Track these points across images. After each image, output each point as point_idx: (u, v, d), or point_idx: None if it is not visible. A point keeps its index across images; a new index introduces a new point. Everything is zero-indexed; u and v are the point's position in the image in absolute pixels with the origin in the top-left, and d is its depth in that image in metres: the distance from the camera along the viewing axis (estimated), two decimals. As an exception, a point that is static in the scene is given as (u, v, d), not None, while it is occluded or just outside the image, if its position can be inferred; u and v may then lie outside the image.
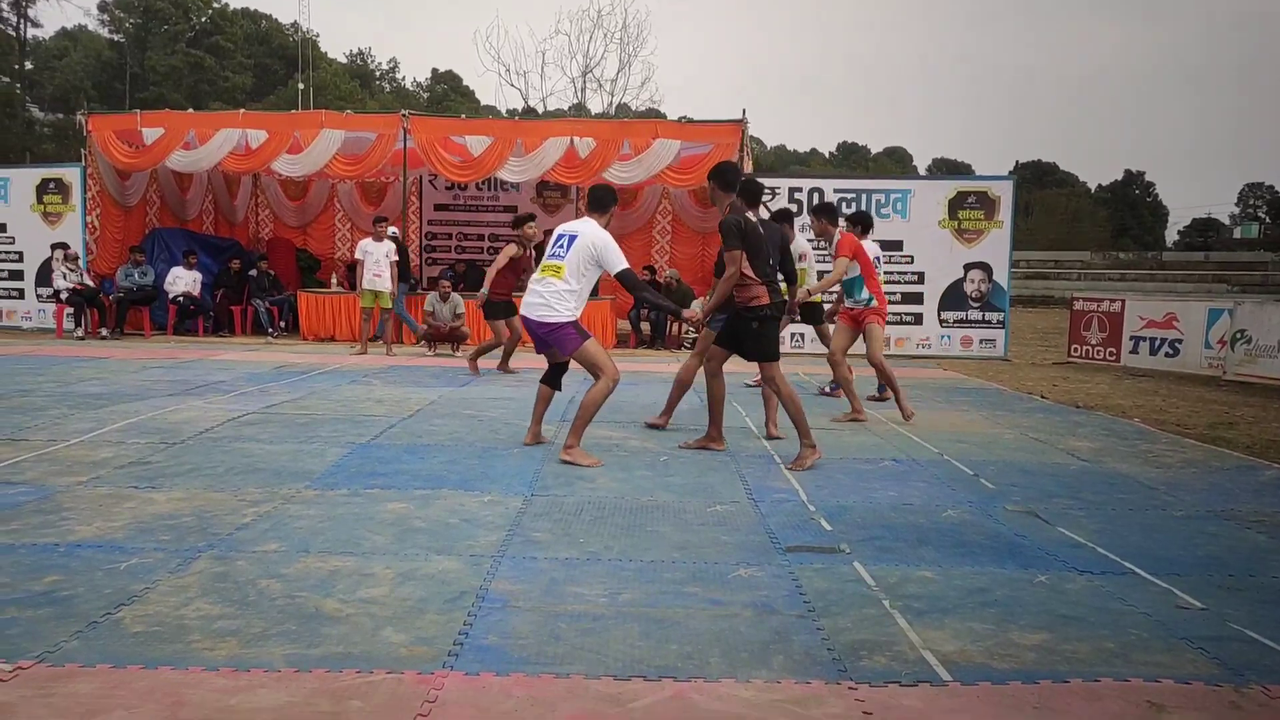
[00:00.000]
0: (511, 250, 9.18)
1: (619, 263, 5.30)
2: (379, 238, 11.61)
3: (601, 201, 5.53)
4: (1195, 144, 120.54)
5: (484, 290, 9.23)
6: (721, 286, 5.58)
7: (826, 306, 8.63)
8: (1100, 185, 69.79)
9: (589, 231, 5.35)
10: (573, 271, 5.29)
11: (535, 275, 5.45)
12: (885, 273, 9.84)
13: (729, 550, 3.71)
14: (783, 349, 7.06)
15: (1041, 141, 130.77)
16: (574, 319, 5.36)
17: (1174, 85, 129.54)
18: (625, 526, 4.01)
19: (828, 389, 8.49)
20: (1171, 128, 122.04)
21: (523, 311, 5.45)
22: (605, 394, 5.36)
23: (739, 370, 10.15)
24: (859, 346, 7.33)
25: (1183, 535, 4.13)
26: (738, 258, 5.37)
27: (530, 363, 9.84)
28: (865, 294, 7.20)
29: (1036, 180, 62.00)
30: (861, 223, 7.84)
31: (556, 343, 5.40)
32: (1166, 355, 11.40)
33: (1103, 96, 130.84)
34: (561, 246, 5.34)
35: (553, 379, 5.70)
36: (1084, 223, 55.38)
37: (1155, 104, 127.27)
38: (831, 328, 7.90)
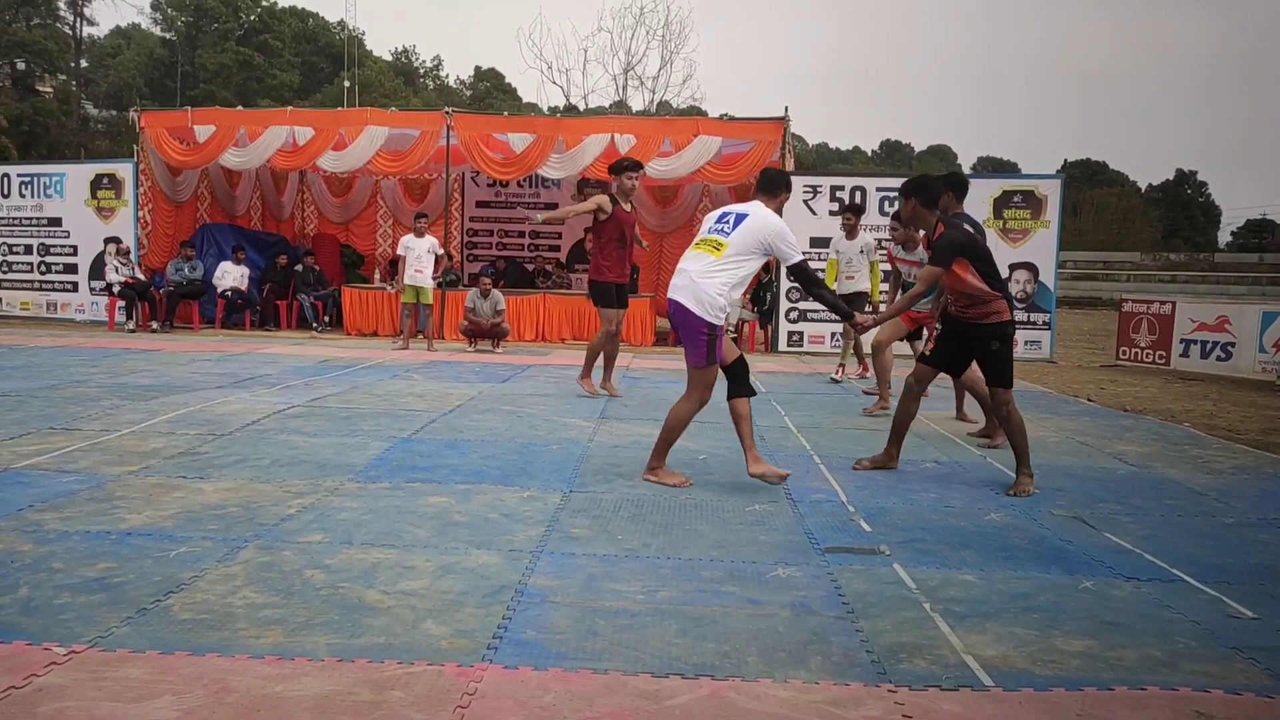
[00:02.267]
0: (601, 201, 7.66)
1: (794, 253, 4.64)
2: (420, 233, 11.73)
3: (773, 184, 4.84)
4: (1250, 143, 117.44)
5: (542, 217, 8.60)
6: (904, 301, 5.42)
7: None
8: (1151, 185, 68.32)
9: (762, 213, 4.66)
10: (735, 252, 4.57)
11: (689, 251, 4.74)
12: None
13: (767, 550, 3.70)
14: (825, 346, 7.02)
15: (1091, 140, 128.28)
16: (718, 323, 4.59)
17: (1228, 82, 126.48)
18: (663, 524, 4.02)
19: (866, 388, 8.43)
20: (1225, 126, 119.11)
21: (670, 294, 4.73)
22: (692, 414, 4.77)
23: (821, 369, 10.12)
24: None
25: (1233, 542, 4.04)
26: (935, 276, 4.86)
27: (651, 365, 9.86)
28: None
29: (1086, 179, 60.83)
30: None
31: (686, 340, 4.67)
32: (1218, 359, 11.14)
33: (1154, 94, 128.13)
34: (726, 223, 4.66)
35: (741, 386, 4.74)
36: (1135, 223, 54.26)
37: (1208, 102, 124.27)
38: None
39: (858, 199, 12.67)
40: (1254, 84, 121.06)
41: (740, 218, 4.65)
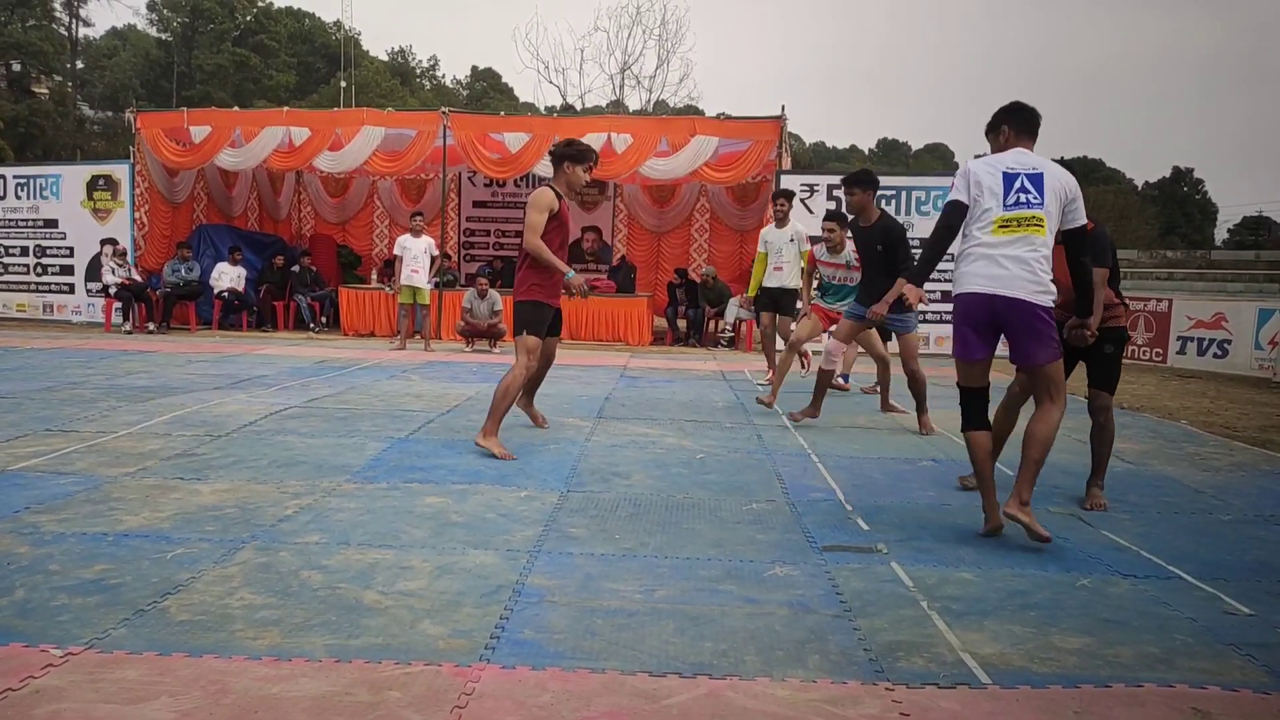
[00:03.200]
0: (550, 201, 5.28)
1: (1083, 214, 3.87)
2: (416, 233, 11.73)
3: (1035, 121, 4.01)
4: (1246, 140, 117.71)
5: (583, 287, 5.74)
6: (1099, 303, 4.29)
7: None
8: (1148, 182, 68.46)
9: (1055, 169, 3.81)
10: (1051, 225, 3.75)
11: (988, 234, 3.74)
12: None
13: (765, 548, 3.70)
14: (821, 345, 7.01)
15: (1088, 137, 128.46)
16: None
17: (1225, 80, 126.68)
18: (661, 523, 4.02)
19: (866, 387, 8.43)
20: (1222, 124, 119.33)
21: (993, 288, 3.70)
22: (1055, 431, 3.86)
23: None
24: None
25: (1230, 539, 4.04)
26: (1103, 279, 4.31)
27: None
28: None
29: (1082, 177, 60.24)
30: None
31: (1033, 341, 3.73)
32: (1215, 356, 11.16)
33: (1151, 91, 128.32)
34: (1027, 192, 3.72)
35: (984, 415, 3.98)
36: (1132, 220, 54.35)
37: (1205, 99, 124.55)
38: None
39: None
40: (1251, 83, 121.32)
41: (1037, 178, 3.75)
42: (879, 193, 6.85)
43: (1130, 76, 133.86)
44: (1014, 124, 3.98)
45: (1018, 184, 3.74)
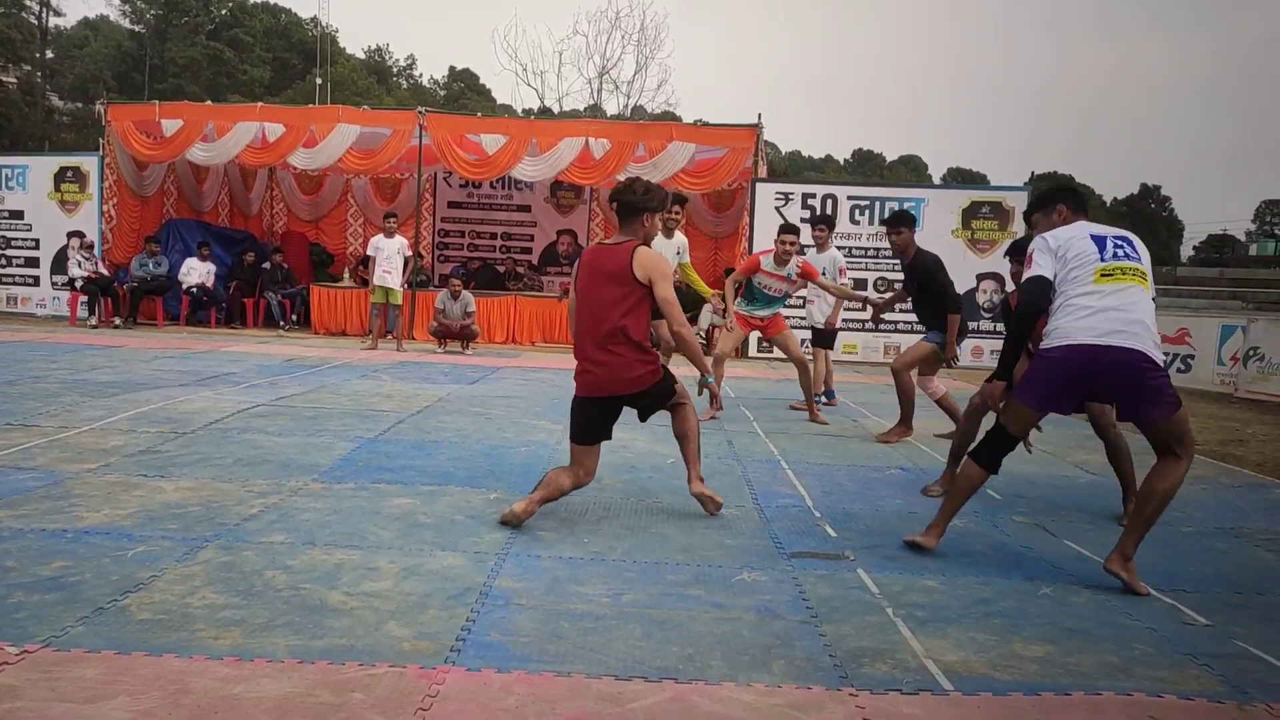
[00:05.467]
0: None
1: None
2: (390, 233, 11.66)
3: (1084, 203, 4.01)
4: (1212, 159, 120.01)
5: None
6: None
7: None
8: (1116, 198, 69.57)
9: (1140, 243, 3.71)
10: (1152, 287, 3.64)
11: (1089, 285, 3.49)
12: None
13: (733, 554, 3.71)
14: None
15: (1058, 153, 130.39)
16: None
17: (1192, 100, 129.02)
18: (630, 528, 4.02)
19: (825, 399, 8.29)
20: (1189, 142, 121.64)
21: (1122, 342, 3.40)
22: (1178, 486, 3.60)
23: (791, 374, 10.11)
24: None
25: (1190, 551, 4.11)
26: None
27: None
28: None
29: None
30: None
31: (1148, 396, 3.46)
32: (1179, 371, 11.34)
33: (1120, 109, 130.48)
34: (1123, 249, 3.57)
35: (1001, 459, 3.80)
36: (1099, 236, 55.14)
37: (1173, 118, 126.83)
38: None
39: (829, 207, 12.77)
40: (1218, 102, 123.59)
41: (1129, 242, 3.62)
42: (857, 203, 6.81)
43: (1100, 94, 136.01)
44: (1070, 202, 3.93)
45: (1110, 242, 3.58)
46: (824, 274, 8.21)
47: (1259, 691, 2.65)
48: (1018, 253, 4.68)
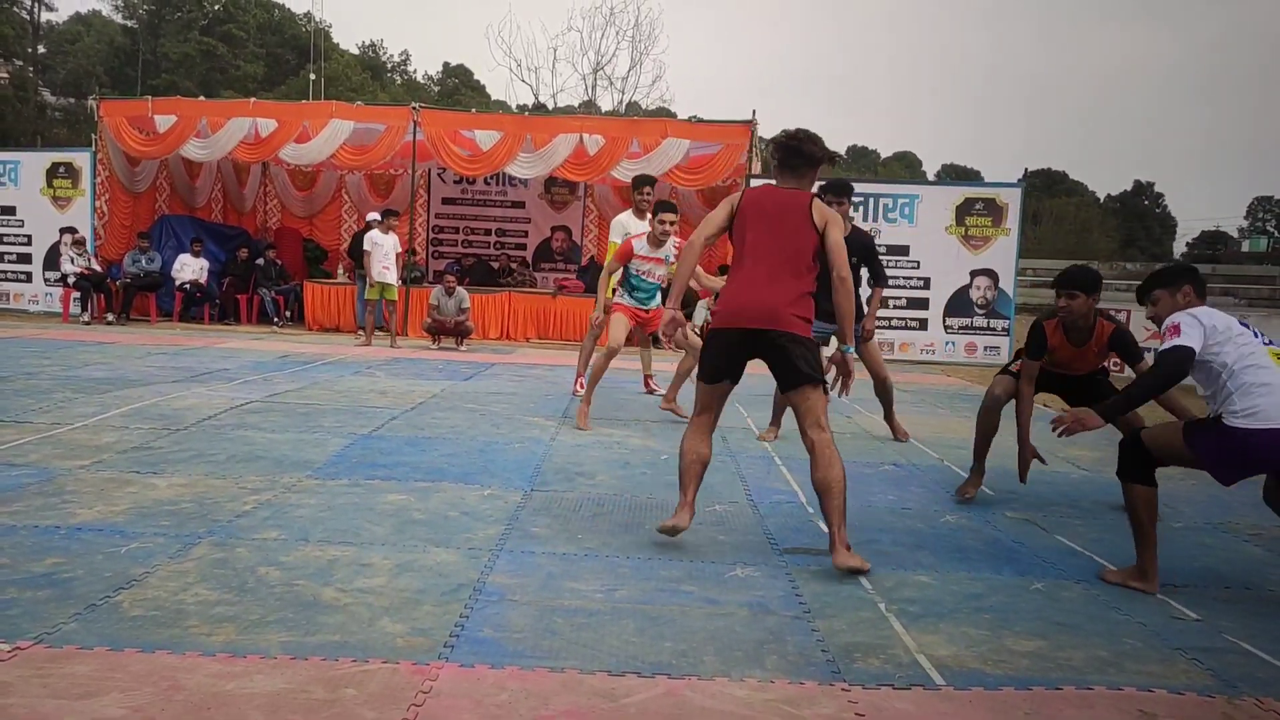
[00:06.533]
0: None
1: None
2: (386, 230, 11.64)
3: (1204, 289, 3.95)
4: (1205, 156, 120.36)
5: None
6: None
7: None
8: (1109, 195, 69.72)
9: None
10: None
11: (1267, 361, 3.48)
12: (891, 277, 9.78)
13: (726, 550, 3.72)
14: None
15: (1052, 149, 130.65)
16: None
17: (1185, 96, 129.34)
18: (624, 524, 4.02)
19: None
20: (1182, 139, 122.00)
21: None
22: None
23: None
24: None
25: (1180, 546, 4.13)
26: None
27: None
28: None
29: (1046, 188, 61.92)
30: None
31: None
32: (1171, 367, 11.37)
33: (1114, 105, 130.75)
34: (1259, 335, 3.62)
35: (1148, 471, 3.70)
36: (1093, 232, 55.31)
37: (1167, 114, 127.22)
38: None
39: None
40: (1211, 99, 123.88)
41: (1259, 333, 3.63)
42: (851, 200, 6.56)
43: (1094, 90, 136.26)
44: (1197, 286, 3.88)
45: (1251, 328, 3.62)
46: None
47: (1248, 685, 2.67)
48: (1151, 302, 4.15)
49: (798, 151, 3.83)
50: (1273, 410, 3.38)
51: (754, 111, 12.97)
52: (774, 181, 3.92)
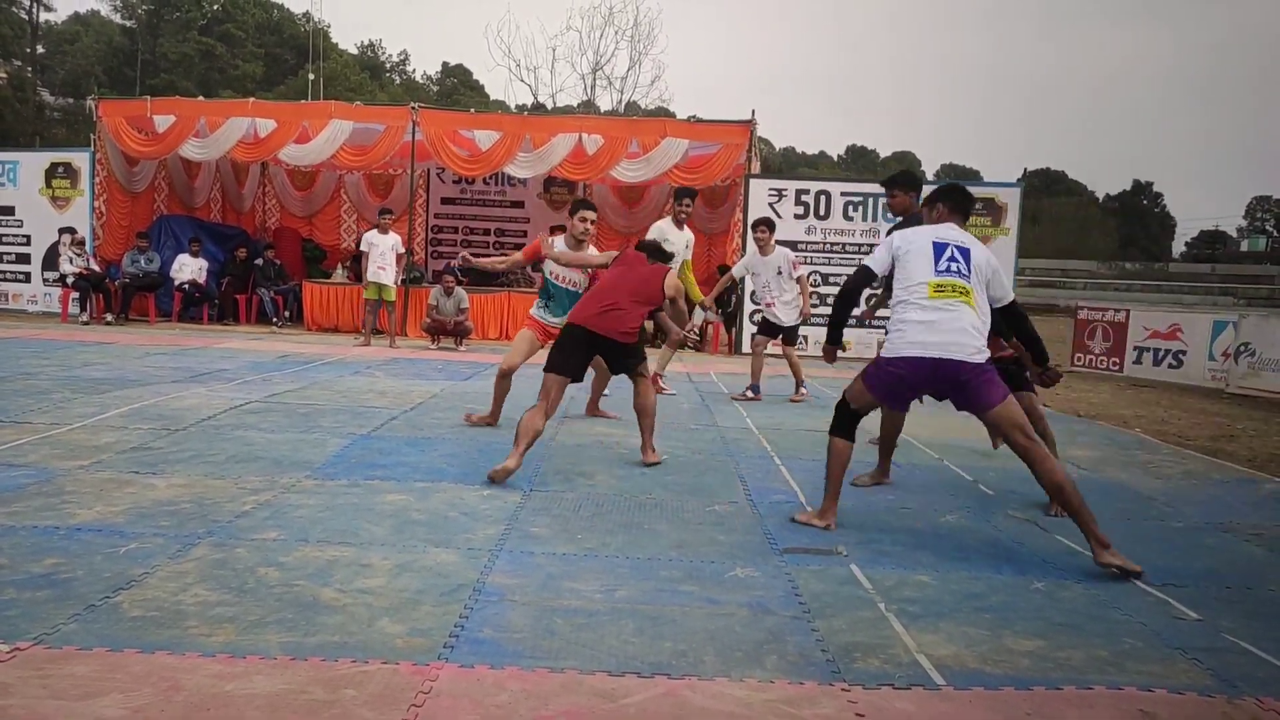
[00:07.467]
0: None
1: (1010, 291, 4.19)
2: (384, 229, 11.63)
3: (967, 201, 4.32)
4: (1204, 155, 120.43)
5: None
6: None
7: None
8: (1108, 195, 69.70)
9: (981, 247, 4.08)
10: (981, 300, 3.96)
11: (925, 299, 3.89)
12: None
13: (726, 550, 3.72)
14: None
15: (1051, 149, 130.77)
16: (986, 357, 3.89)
17: (1184, 96, 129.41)
18: (623, 524, 4.02)
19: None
20: (1181, 139, 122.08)
21: (931, 353, 3.82)
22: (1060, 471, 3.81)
23: (783, 370, 10.12)
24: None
25: (1180, 546, 4.13)
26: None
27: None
28: None
29: (1045, 188, 61.94)
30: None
31: (980, 391, 3.82)
32: (1170, 366, 11.39)
33: (1113, 105, 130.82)
34: (956, 261, 3.95)
35: (852, 427, 4.20)
36: (1092, 232, 55.33)
37: (1166, 114, 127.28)
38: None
39: (822, 203, 12.78)
40: (1210, 99, 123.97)
41: (965, 252, 3.99)
42: (850, 200, 6.60)
43: (1093, 90, 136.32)
44: (949, 203, 4.25)
45: (947, 253, 3.99)
46: (780, 274, 8.19)
47: (1248, 685, 2.66)
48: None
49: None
50: (902, 345, 3.92)
51: (753, 111, 12.98)
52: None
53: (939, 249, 3.99)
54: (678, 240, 7.77)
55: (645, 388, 5.27)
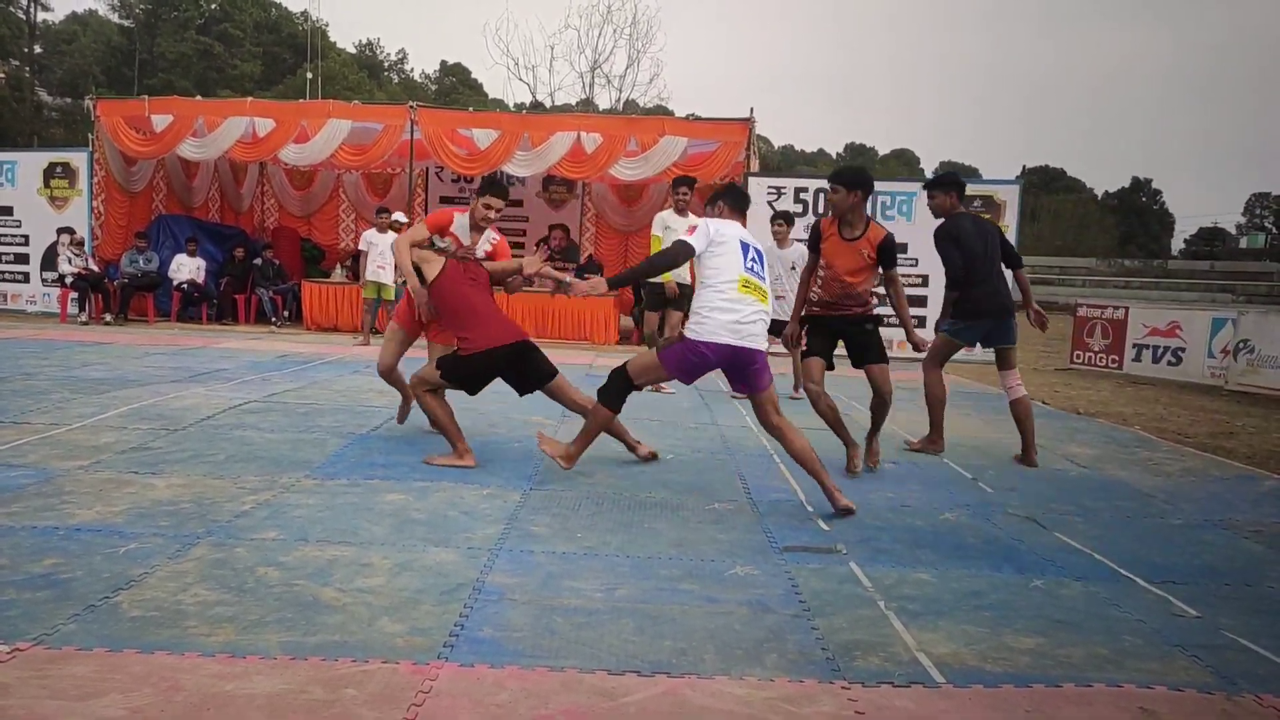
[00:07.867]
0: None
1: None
2: (382, 229, 11.62)
3: (745, 202, 4.94)
4: (1203, 152, 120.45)
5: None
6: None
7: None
8: (1107, 192, 69.70)
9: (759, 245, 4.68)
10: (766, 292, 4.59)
11: (735, 294, 4.39)
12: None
13: (726, 548, 3.72)
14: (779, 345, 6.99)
15: (1050, 146, 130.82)
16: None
17: (1183, 93, 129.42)
18: (623, 522, 4.02)
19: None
20: (1180, 136, 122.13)
21: (738, 342, 4.39)
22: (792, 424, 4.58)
23: (783, 370, 10.07)
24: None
25: (1180, 543, 4.14)
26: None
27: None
28: None
29: (1044, 185, 61.91)
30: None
31: (760, 376, 4.52)
32: (1169, 364, 11.39)
33: (1112, 103, 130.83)
34: (756, 262, 4.54)
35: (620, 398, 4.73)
36: (1091, 229, 55.34)
37: (1165, 111, 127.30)
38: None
39: (821, 201, 12.77)
40: (1209, 96, 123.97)
41: (760, 254, 4.60)
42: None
43: (1092, 87, 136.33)
44: (729, 201, 4.77)
45: (750, 254, 4.52)
46: (793, 269, 8.12)
47: (1247, 682, 2.67)
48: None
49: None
50: (712, 331, 4.35)
51: (751, 109, 12.99)
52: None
53: (744, 248, 4.51)
54: (681, 228, 7.60)
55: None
